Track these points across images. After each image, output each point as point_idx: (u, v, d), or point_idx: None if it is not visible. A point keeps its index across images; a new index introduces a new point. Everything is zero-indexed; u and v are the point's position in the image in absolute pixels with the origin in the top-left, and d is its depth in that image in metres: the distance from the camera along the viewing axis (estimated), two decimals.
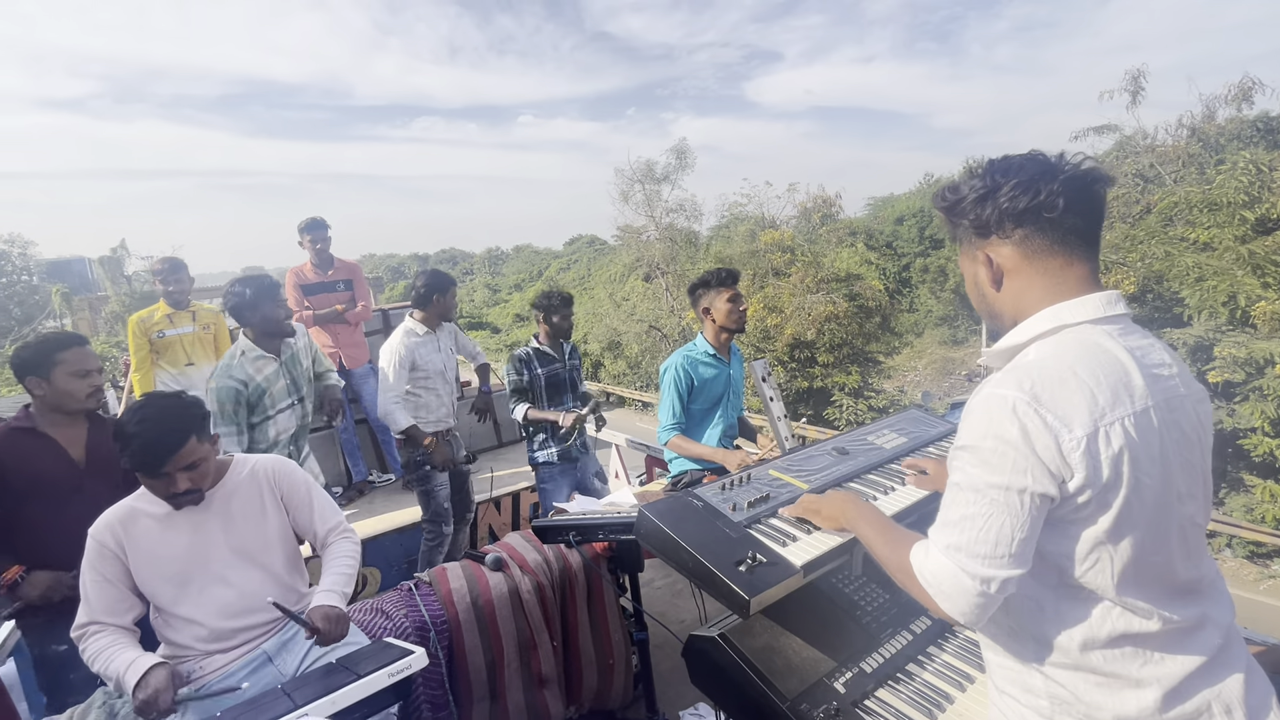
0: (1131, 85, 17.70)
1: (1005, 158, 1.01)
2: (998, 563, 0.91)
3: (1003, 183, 0.97)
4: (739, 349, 3.05)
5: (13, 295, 21.98)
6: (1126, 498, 0.89)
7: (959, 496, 0.96)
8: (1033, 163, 0.98)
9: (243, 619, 1.81)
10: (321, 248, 4.45)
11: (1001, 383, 0.93)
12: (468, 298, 50.48)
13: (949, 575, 0.95)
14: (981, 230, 1.01)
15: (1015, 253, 0.99)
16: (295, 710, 1.35)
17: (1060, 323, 0.96)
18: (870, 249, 26.80)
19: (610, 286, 30.62)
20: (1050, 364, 0.93)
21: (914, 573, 1.01)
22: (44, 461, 2.21)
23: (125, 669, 1.59)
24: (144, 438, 1.65)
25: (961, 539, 0.94)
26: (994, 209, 0.98)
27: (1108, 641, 0.93)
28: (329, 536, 1.96)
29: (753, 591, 1.23)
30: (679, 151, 27.29)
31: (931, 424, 2.13)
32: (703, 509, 1.50)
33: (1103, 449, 0.88)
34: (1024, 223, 0.97)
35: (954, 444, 0.98)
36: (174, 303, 4.04)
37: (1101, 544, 0.91)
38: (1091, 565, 0.92)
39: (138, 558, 1.74)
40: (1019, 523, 0.90)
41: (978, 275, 1.05)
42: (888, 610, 1.59)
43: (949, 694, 1.39)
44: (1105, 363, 0.92)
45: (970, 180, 1.02)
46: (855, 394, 21.07)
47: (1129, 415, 0.89)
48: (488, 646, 2.20)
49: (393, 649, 1.63)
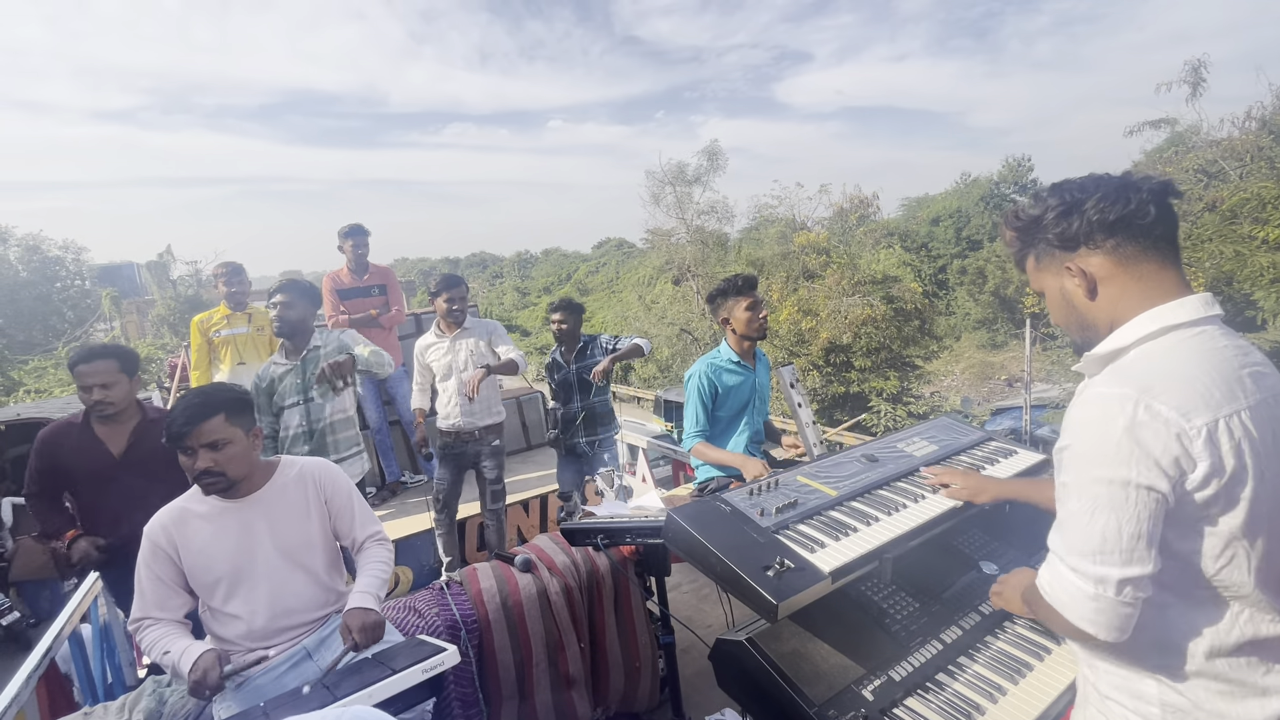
0: (1192, 77, 16.93)
1: (1067, 180, 1.05)
2: (1108, 559, 0.90)
3: (1084, 198, 1.00)
4: (764, 355, 3.05)
5: (67, 299, 22.97)
6: (1255, 490, 0.88)
7: (1064, 495, 0.96)
8: (1104, 180, 1.01)
9: (285, 619, 1.88)
10: (361, 253, 4.58)
11: (1109, 382, 0.94)
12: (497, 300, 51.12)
13: (1062, 580, 0.95)
14: (1068, 244, 1.03)
15: (1107, 261, 1.01)
16: (335, 702, 1.40)
17: (1165, 324, 0.96)
18: (906, 250, 26.33)
19: (639, 289, 30.67)
20: (1162, 362, 0.94)
21: (1039, 591, 1.00)
22: (83, 454, 2.52)
23: (179, 657, 1.70)
24: (177, 409, 1.79)
25: (1068, 539, 0.94)
26: (1081, 221, 1.00)
27: (1235, 648, 0.92)
28: (366, 542, 2.03)
29: (780, 596, 1.24)
30: (710, 153, 27.09)
31: (964, 432, 2.10)
32: (731, 514, 1.51)
33: (1224, 440, 0.87)
34: (1116, 232, 0.99)
35: (1056, 445, 0.99)
36: (234, 304, 4.28)
37: (1236, 539, 0.89)
38: (1227, 562, 0.90)
39: (190, 557, 1.82)
40: (1126, 516, 0.88)
41: (1064, 288, 1.06)
42: (918, 619, 1.57)
43: (980, 705, 1.37)
44: (1216, 359, 0.93)
45: (1045, 200, 1.05)
46: (894, 399, 20.65)
47: (1244, 409, 0.90)
48: (516, 646, 2.24)
49: (426, 646, 1.67)
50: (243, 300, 4.32)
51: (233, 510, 1.86)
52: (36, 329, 21.01)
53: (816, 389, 21.49)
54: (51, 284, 22.80)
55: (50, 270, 23.05)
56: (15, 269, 22.15)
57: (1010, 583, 1.30)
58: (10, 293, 21.10)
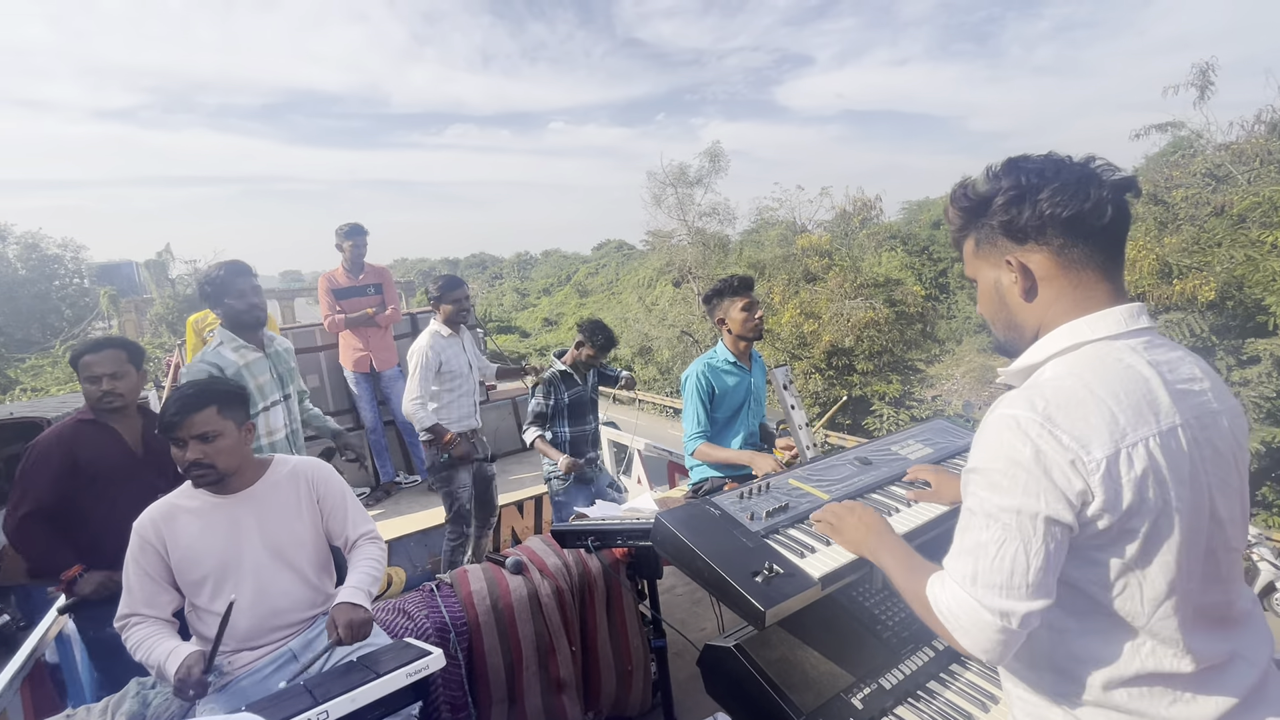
0: (1199, 80, 16.82)
1: (1025, 158, 0.94)
2: (1015, 594, 0.86)
3: (1039, 184, 0.90)
4: (760, 356, 3.03)
5: (65, 297, 22.96)
6: (1155, 523, 0.84)
7: (971, 522, 0.91)
8: (1065, 167, 0.91)
9: (272, 619, 1.86)
10: (359, 253, 4.57)
11: (1013, 403, 0.88)
12: (496, 302, 51.08)
13: (966, 610, 0.90)
14: (1015, 235, 0.94)
15: (1050, 261, 0.93)
16: (316, 706, 1.38)
17: (1078, 339, 0.91)
18: (909, 254, 26.33)
19: (639, 291, 30.66)
20: (1066, 382, 0.88)
21: (931, 607, 0.96)
22: (106, 448, 2.36)
23: (165, 657, 1.68)
24: (170, 399, 1.79)
25: (975, 568, 0.89)
26: (1032, 213, 0.91)
27: (1134, 679, 0.88)
28: (359, 540, 2.01)
29: (769, 603, 1.22)
30: (712, 154, 26.93)
31: (958, 435, 2.08)
32: (720, 517, 1.49)
33: (1124, 472, 0.83)
34: (1067, 230, 0.90)
35: (965, 467, 0.95)
36: None
37: (1130, 570, 0.86)
38: (1120, 591, 0.87)
39: (178, 553, 1.80)
40: (1034, 549, 0.85)
41: (1000, 282, 0.98)
42: (909, 626, 1.55)
43: (972, 714, 1.35)
44: (1127, 380, 0.87)
45: (997, 180, 0.94)
46: (896, 403, 20.59)
47: (1154, 435, 0.84)
48: (507, 649, 2.21)
49: (412, 649, 1.65)
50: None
51: (223, 506, 1.84)
52: (34, 327, 21.01)
53: (819, 392, 21.41)
54: (50, 282, 22.80)
55: (49, 268, 23.06)
56: (14, 267, 22.14)
57: (853, 528, 1.26)
58: (8, 290, 21.09)
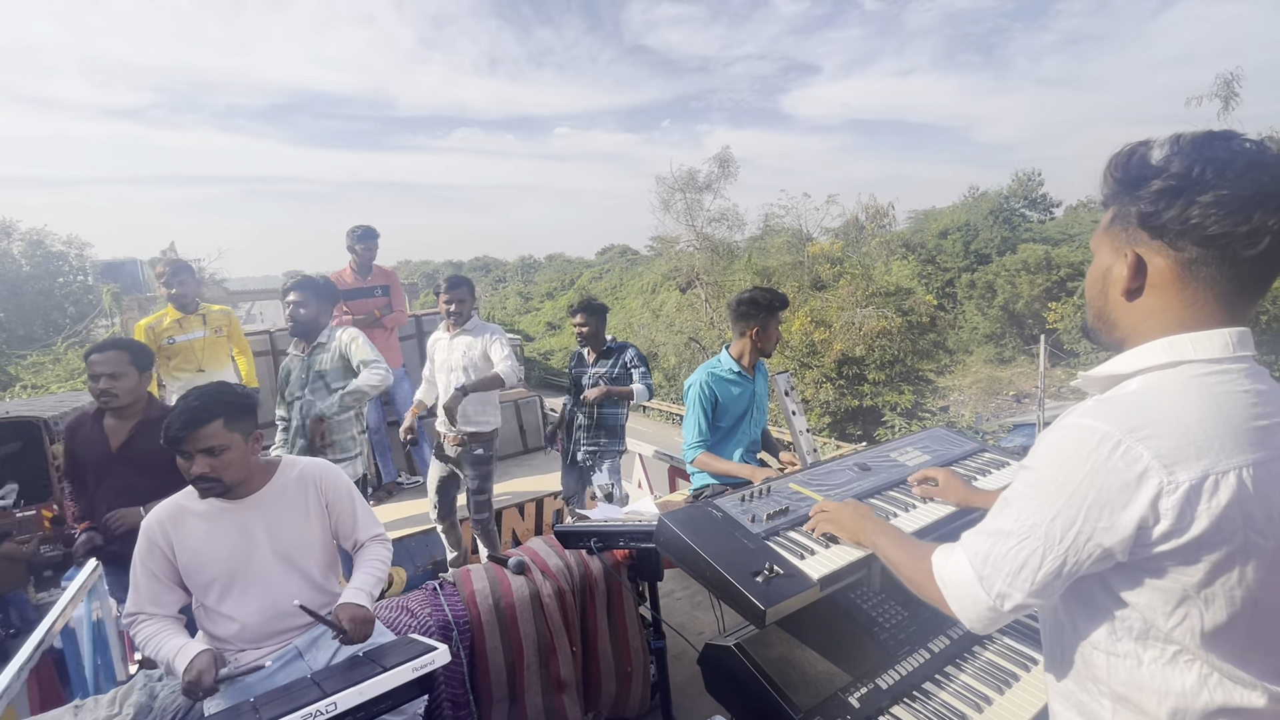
0: (1224, 91, 16.65)
1: (1228, 139, 0.79)
2: (1018, 585, 0.88)
3: (1209, 184, 0.78)
4: (763, 363, 3.06)
5: (69, 295, 23.00)
6: (1229, 554, 0.78)
7: (1003, 511, 0.92)
8: (1259, 170, 0.77)
9: (279, 621, 1.88)
10: (369, 256, 4.63)
11: (1094, 414, 0.82)
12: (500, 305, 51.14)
13: (967, 581, 0.93)
14: (1152, 228, 0.83)
15: (1172, 270, 0.83)
16: (324, 699, 1.41)
17: (1178, 357, 0.83)
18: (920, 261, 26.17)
19: (644, 297, 30.61)
20: (1162, 400, 0.81)
21: (933, 573, 0.99)
22: (86, 445, 2.64)
23: (175, 654, 1.69)
24: (175, 410, 1.78)
25: (990, 549, 0.91)
26: (1181, 215, 0.80)
27: (1203, 714, 0.83)
28: (367, 542, 2.03)
29: (769, 602, 1.25)
30: (722, 160, 26.70)
31: (956, 443, 2.11)
32: (722, 519, 1.52)
33: (1205, 499, 0.76)
34: (1207, 246, 0.80)
35: (1022, 461, 0.94)
36: (180, 306, 3.93)
37: (1189, 599, 0.80)
38: (1180, 621, 0.81)
39: (185, 555, 1.82)
40: (1053, 555, 0.84)
41: (1111, 270, 0.89)
42: (906, 628, 1.58)
43: (967, 715, 1.38)
44: (1227, 405, 0.80)
45: (1169, 157, 0.81)
46: (908, 414, 20.43)
47: (1247, 465, 0.78)
48: (508, 648, 2.24)
49: (417, 644, 1.68)
50: (189, 302, 3.92)
51: (230, 510, 1.85)
52: (38, 324, 21.04)
53: (829, 402, 21.23)
54: (54, 279, 22.84)
55: (53, 265, 23.10)
56: (18, 263, 22.20)
57: (849, 519, 1.35)
58: (13, 287, 21.13)
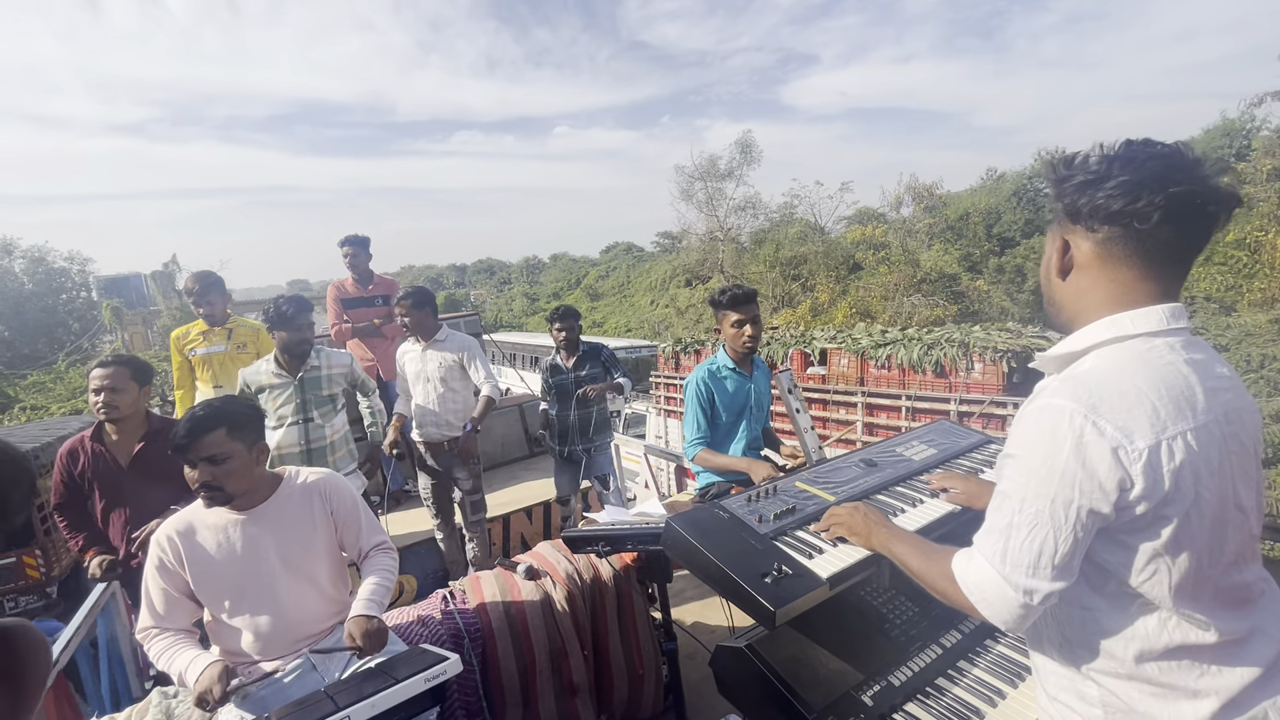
0: None
1: (1145, 144, 0.93)
2: (1041, 574, 0.92)
3: (1115, 174, 0.91)
4: (762, 361, 3.06)
5: (72, 311, 23.03)
6: (1186, 511, 0.89)
7: (1004, 505, 0.96)
8: (1157, 161, 0.90)
9: (291, 631, 1.90)
10: (360, 263, 4.60)
11: (1058, 392, 0.92)
12: (506, 306, 51.16)
13: (992, 584, 0.96)
14: (1071, 215, 0.98)
15: (1092, 250, 0.97)
16: (338, 712, 1.41)
17: (1120, 333, 0.95)
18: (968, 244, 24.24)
19: (652, 294, 30.35)
20: (1111, 375, 0.92)
21: (957, 580, 1.02)
22: (92, 468, 2.67)
23: (186, 666, 1.72)
24: (182, 420, 1.81)
25: (1005, 547, 0.95)
26: (1089, 200, 0.94)
27: (1164, 653, 0.93)
28: (372, 551, 2.04)
29: (778, 603, 1.25)
30: (744, 145, 25.58)
31: (962, 435, 2.11)
32: (729, 520, 1.52)
33: (1164, 462, 0.87)
34: (1112, 223, 0.93)
35: (1003, 451, 0.99)
36: (209, 320, 3.97)
37: (1159, 556, 0.90)
38: (1149, 576, 0.92)
39: (196, 569, 1.84)
40: (1064, 535, 0.90)
41: (1051, 258, 1.04)
42: (917, 624, 1.58)
43: (980, 710, 1.38)
44: (1167, 376, 0.91)
45: (1088, 161, 0.96)
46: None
47: (1190, 429, 0.89)
48: (520, 654, 2.24)
49: (429, 655, 1.68)
50: (218, 316, 3.95)
51: (239, 523, 1.87)
52: (41, 341, 21.06)
53: None
54: (57, 296, 22.88)
55: (55, 282, 23.14)
56: (20, 281, 22.25)
57: (862, 524, 1.36)
58: (15, 305, 21.17)
